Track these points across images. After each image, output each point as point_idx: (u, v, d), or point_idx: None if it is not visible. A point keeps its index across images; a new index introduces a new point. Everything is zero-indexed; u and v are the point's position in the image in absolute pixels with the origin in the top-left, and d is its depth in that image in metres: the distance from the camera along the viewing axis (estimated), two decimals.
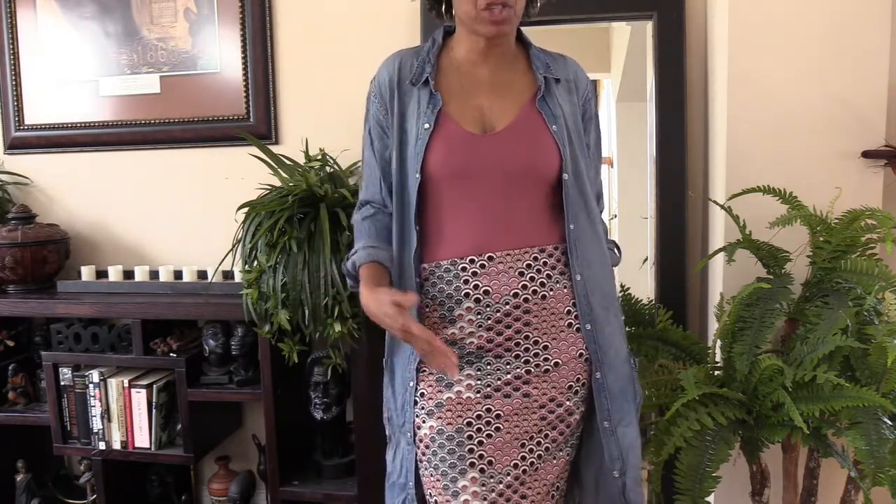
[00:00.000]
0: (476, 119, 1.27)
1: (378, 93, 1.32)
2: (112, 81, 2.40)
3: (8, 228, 2.29)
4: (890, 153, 1.70)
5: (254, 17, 2.27)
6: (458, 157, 1.25)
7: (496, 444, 1.24)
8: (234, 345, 2.12)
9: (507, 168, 1.25)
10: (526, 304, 1.25)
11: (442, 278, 1.26)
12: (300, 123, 2.29)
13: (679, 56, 1.99)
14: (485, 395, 1.25)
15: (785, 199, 1.59)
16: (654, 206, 2.04)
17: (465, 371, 1.26)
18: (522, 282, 1.24)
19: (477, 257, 1.24)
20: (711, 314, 1.86)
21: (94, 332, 2.21)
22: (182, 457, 2.17)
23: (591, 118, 1.36)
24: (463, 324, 1.26)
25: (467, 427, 1.24)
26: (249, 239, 1.87)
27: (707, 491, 1.43)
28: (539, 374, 1.26)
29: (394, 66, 1.31)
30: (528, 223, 1.27)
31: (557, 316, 1.27)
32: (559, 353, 1.27)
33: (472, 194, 1.26)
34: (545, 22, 2.05)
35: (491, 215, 1.25)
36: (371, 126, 1.34)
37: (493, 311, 1.24)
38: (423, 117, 1.26)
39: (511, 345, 1.25)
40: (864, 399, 1.34)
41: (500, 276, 1.24)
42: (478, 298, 1.24)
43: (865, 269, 1.46)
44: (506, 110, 1.28)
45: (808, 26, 1.71)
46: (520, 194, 1.26)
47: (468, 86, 1.29)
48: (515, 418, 1.25)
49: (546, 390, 1.27)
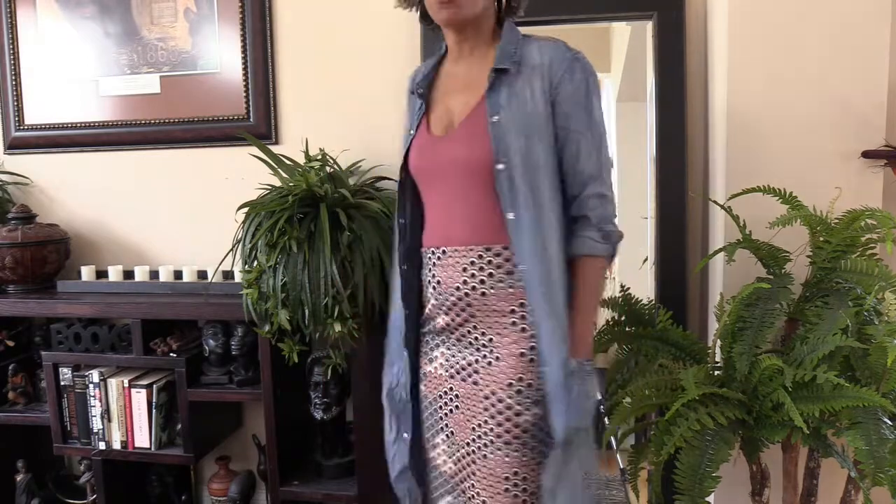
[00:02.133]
0: (444, 121, 1.35)
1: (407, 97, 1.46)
2: (112, 81, 2.40)
3: (8, 228, 2.29)
4: (890, 153, 1.70)
5: (254, 17, 2.27)
6: (421, 158, 1.36)
7: (456, 420, 1.35)
8: (234, 345, 2.12)
9: (452, 166, 1.31)
10: (467, 297, 1.31)
11: (424, 264, 1.39)
12: (300, 123, 2.29)
13: (679, 56, 1.99)
14: (449, 375, 1.36)
15: (785, 199, 1.59)
16: (654, 206, 2.04)
17: (439, 349, 1.38)
18: (464, 277, 1.31)
19: (436, 249, 1.35)
20: (711, 314, 1.86)
21: (94, 332, 2.20)
22: (182, 457, 2.17)
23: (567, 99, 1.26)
24: (430, 306, 1.38)
25: (439, 399, 1.39)
26: (249, 239, 1.87)
27: (707, 491, 1.43)
28: (485, 365, 1.31)
29: (410, 79, 1.45)
30: (479, 220, 1.29)
31: (500, 314, 1.29)
32: (501, 348, 1.29)
33: (435, 192, 1.36)
34: (545, 22, 2.05)
35: (448, 212, 1.34)
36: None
37: (445, 300, 1.34)
38: (412, 124, 1.39)
39: (465, 331, 1.34)
40: (864, 399, 1.34)
41: (447, 270, 1.33)
42: (434, 287, 1.36)
43: (865, 269, 1.46)
44: (465, 108, 1.31)
45: (808, 26, 1.71)
46: (469, 191, 1.29)
47: (448, 87, 1.38)
48: (468, 401, 1.33)
49: (489, 383, 1.30)
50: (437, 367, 1.39)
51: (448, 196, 1.33)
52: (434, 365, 1.40)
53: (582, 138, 1.28)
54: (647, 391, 1.57)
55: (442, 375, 1.38)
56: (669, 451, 1.45)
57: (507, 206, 1.25)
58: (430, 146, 1.35)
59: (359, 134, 2.23)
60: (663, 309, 1.83)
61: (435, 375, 1.39)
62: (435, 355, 1.40)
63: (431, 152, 1.34)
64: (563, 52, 1.28)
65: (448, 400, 1.37)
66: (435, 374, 1.39)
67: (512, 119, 1.25)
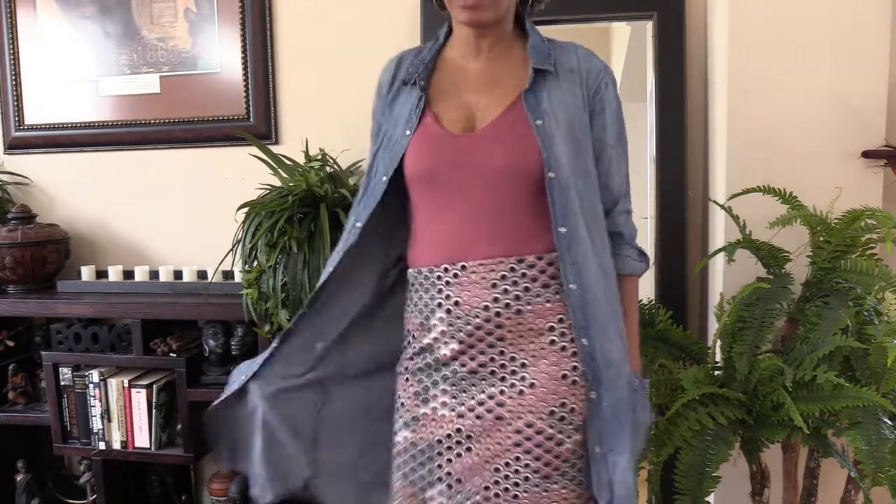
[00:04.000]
0: (461, 117, 1.20)
1: (379, 92, 1.30)
2: (112, 81, 2.40)
3: (8, 228, 2.29)
4: (890, 153, 1.70)
5: (254, 17, 2.27)
6: (430, 157, 1.19)
7: (465, 465, 1.18)
8: (234, 345, 2.12)
9: (483, 170, 1.16)
10: (498, 318, 1.16)
11: (422, 285, 1.22)
12: (300, 123, 2.29)
13: (679, 56, 1.99)
14: (458, 415, 1.19)
15: (785, 199, 1.59)
16: (654, 206, 2.04)
17: (440, 386, 1.20)
18: (494, 295, 1.15)
19: (450, 266, 1.17)
20: (711, 314, 1.86)
21: (94, 332, 2.20)
22: (182, 457, 2.17)
23: (604, 111, 1.21)
24: (437, 334, 1.20)
25: (438, 444, 1.20)
26: (249, 239, 1.87)
27: (707, 491, 1.43)
28: (514, 395, 1.16)
29: (393, 66, 1.28)
30: (508, 230, 1.17)
31: (536, 332, 1.17)
32: (537, 372, 1.16)
33: (447, 198, 1.19)
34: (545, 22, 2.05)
35: (467, 221, 1.17)
36: (373, 124, 1.32)
37: (464, 324, 1.17)
38: (409, 118, 1.21)
39: (486, 360, 1.17)
40: (864, 399, 1.34)
41: (471, 287, 1.16)
42: (449, 309, 1.18)
43: (865, 269, 1.46)
44: (492, 107, 1.20)
45: (808, 26, 1.71)
46: (500, 198, 1.17)
47: (460, 82, 1.23)
48: (487, 440, 1.17)
49: (521, 413, 1.16)
50: (436, 408, 1.21)
51: (467, 202, 1.17)
52: (432, 405, 1.21)
53: (615, 152, 1.23)
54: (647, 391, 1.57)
55: (444, 416, 1.19)
56: (669, 450, 1.45)
57: (558, 218, 1.14)
58: (449, 146, 1.18)
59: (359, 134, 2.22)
60: (663, 309, 1.83)
61: (433, 417, 1.21)
62: (433, 394, 1.21)
63: (452, 153, 1.18)
64: (598, 62, 1.23)
65: (453, 444, 1.19)
66: (433, 416, 1.21)
67: (558, 125, 1.16)
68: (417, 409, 1.22)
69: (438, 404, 1.21)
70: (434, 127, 1.20)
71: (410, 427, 1.23)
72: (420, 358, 1.23)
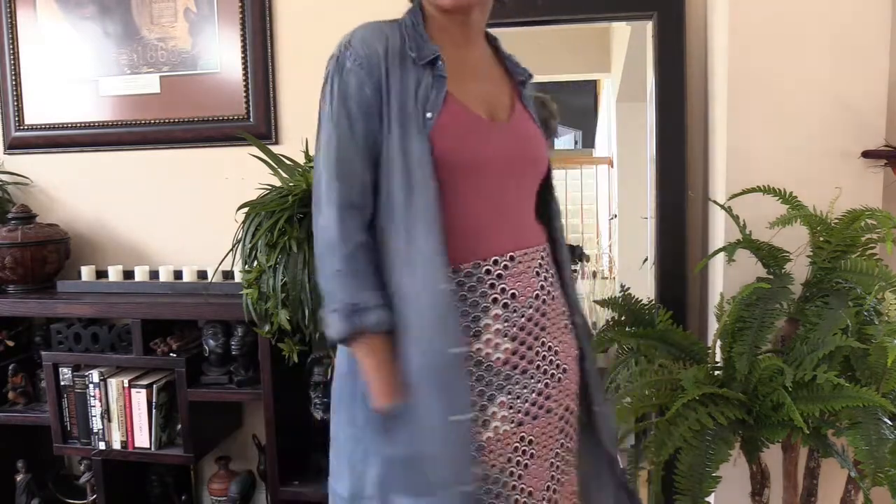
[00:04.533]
0: (481, 104, 1.14)
1: (366, 65, 1.09)
2: (112, 81, 2.40)
3: (8, 228, 2.29)
4: (890, 153, 1.70)
5: (254, 17, 2.27)
6: (475, 143, 1.10)
7: (532, 473, 1.14)
8: (234, 345, 2.12)
9: (519, 160, 1.16)
10: (544, 305, 1.15)
11: (463, 284, 1.09)
12: (300, 123, 2.29)
13: (679, 56, 1.99)
14: (517, 423, 1.12)
15: (785, 199, 1.59)
16: (654, 206, 2.04)
17: (497, 400, 1.10)
18: (539, 282, 1.14)
19: (500, 258, 1.11)
20: (711, 314, 1.86)
21: (94, 332, 2.20)
22: (182, 457, 2.17)
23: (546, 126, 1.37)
24: (489, 335, 1.10)
25: (507, 464, 1.11)
26: (249, 239, 1.87)
27: (707, 491, 1.43)
28: (555, 384, 1.16)
29: (381, 36, 1.12)
30: (531, 220, 1.20)
31: (562, 316, 1.20)
32: (566, 356, 1.19)
33: (489, 186, 1.12)
34: (545, 22, 2.05)
35: (510, 209, 1.14)
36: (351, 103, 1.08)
37: (519, 317, 1.11)
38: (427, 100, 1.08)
39: (532, 355, 1.13)
40: (864, 399, 1.34)
41: (521, 278, 1.12)
42: (505, 303, 1.10)
43: (865, 269, 1.46)
44: (503, 98, 1.19)
45: (808, 26, 1.71)
46: (525, 189, 1.18)
47: (461, 68, 1.14)
48: (543, 438, 1.15)
49: (561, 400, 1.18)
50: (497, 427, 1.10)
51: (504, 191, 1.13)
52: (493, 425, 1.10)
53: None
54: (647, 391, 1.57)
55: (507, 432, 1.11)
56: (669, 450, 1.45)
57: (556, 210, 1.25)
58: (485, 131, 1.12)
59: None
60: (663, 309, 1.83)
61: (496, 438, 1.10)
62: (492, 411, 1.10)
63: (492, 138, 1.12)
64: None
65: (520, 457, 1.12)
66: (496, 437, 1.10)
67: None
68: (479, 436, 1.08)
69: (499, 422, 1.10)
70: (468, 112, 1.11)
71: (477, 460, 1.08)
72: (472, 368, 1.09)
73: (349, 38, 1.13)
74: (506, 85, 1.23)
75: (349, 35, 1.14)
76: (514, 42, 1.48)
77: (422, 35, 1.13)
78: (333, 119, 1.09)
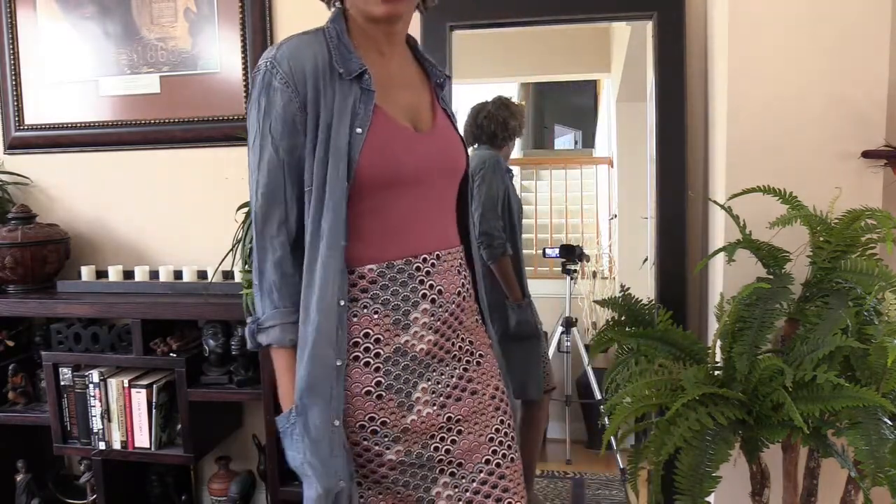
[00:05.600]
0: (406, 116, 1.19)
1: (291, 82, 1.12)
2: (112, 81, 2.41)
3: (8, 228, 2.29)
4: (890, 153, 1.70)
5: (254, 17, 2.27)
6: (402, 157, 1.16)
7: (462, 448, 1.21)
8: (234, 345, 2.12)
9: (444, 167, 1.23)
10: (463, 302, 1.25)
11: (395, 280, 1.16)
12: None
13: (679, 56, 1.99)
14: (440, 406, 1.20)
15: (785, 199, 1.59)
16: (654, 206, 2.04)
17: (420, 386, 1.18)
18: (460, 279, 1.25)
19: (428, 256, 1.19)
20: (711, 314, 1.86)
21: (94, 332, 2.21)
22: (182, 457, 2.17)
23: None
24: (416, 328, 1.17)
25: (431, 440, 1.19)
26: (249, 239, 1.87)
27: (707, 491, 1.43)
28: (475, 367, 1.26)
29: (307, 53, 1.14)
30: (452, 221, 1.28)
31: (472, 311, 1.29)
32: (480, 344, 1.29)
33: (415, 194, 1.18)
34: (545, 22, 2.05)
35: (435, 212, 1.23)
36: (277, 120, 1.12)
37: (443, 312, 1.20)
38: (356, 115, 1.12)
39: (449, 346, 1.22)
40: (864, 399, 1.34)
41: (447, 275, 1.21)
42: (433, 299, 1.18)
43: (865, 269, 1.46)
44: (422, 107, 1.24)
45: (808, 26, 1.71)
46: (447, 193, 1.26)
47: (384, 78, 1.18)
48: (474, 416, 1.23)
49: (487, 381, 1.27)
50: (420, 410, 1.18)
51: (435, 195, 1.22)
52: (417, 409, 1.18)
53: None
54: (647, 391, 1.57)
55: (430, 414, 1.18)
56: (669, 451, 1.45)
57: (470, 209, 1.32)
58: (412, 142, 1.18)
59: None
60: (663, 309, 1.83)
61: (420, 420, 1.18)
62: (416, 397, 1.18)
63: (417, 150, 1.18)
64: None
65: (443, 436, 1.20)
66: (420, 419, 1.18)
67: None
68: (404, 419, 1.17)
69: (422, 406, 1.18)
70: (394, 124, 1.16)
71: (402, 439, 1.17)
72: (392, 364, 1.16)
73: (275, 53, 1.15)
74: (425, 89, 1.28)
75: (275, 49, 1.16)
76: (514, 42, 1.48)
77: (347, 46, 1.16)
78: (261, 138, 1.14)
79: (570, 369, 2.62)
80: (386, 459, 1.17)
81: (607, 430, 1.56)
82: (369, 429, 1.16)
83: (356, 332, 1.15)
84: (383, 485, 1.19)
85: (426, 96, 1.27)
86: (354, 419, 1.15)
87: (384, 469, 1.18)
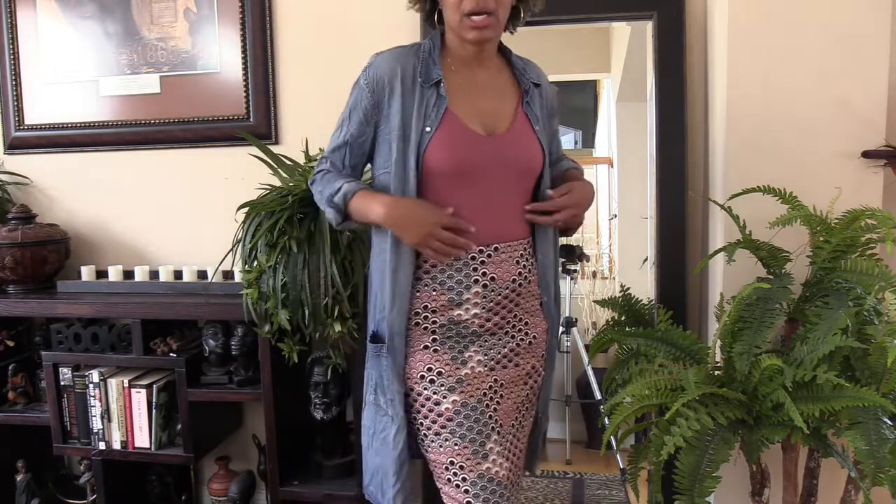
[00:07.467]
0: (479, 120, 1.38)
1: (373, 87, 1.38)
2: (112, 81, 2.40)
3: (8, 228, 2.29)
4: (890, 153, 1.70)
5: (254, 17, 2.27)
6: (465, 154, 1.36)
7: (503, 409, 1.43)
8: (234, 345, 2.12)
9: (511, 167, 1.39)
10: (519, 288, 1.43)
11: (452, 265, 1.38)
12: (300, 123, 2.29)
13: (679, 56, 1.99)
14: (490, 368, 1.41)
15: (785, 199, 1.59)
16: (654, 206, 2.04)
17: (471, 348, 1.41)
18: (518, 269, 1.42)
19: (485, 248, 1.38)
20: (711, 314, 1.86)
21: (94, 332, 2.21)
22: (182, 457, 2.17)
23: (554, 122, 1.54)
24: (468, 306, 1.39)
25: (484, 397, 1.40)
26: (249, 239, 1.87)
27: (707, 491, 1.43)
28: (525, 346, 1.46)
29: (394, 64, 1.38)
30: (519, 216, 1.43)
31: (534, 297, 1.47)
32: (535, 328, 1.48)
33: (478, 189, 1.37)
34: (545, 22, 2.05)
35: (495, 209, 1.39)
36: (355, 114, 1.41)
37: (496, 296, 1.40)
38: (428, 116, 1.35)
39: (504, 323, 1.43)
40: (864, 399, 1.34)
41: (502, 265, 1.40)
42: (485, 284, 1.39)
43: (865, 269, 1.46)
44: (503, 113, 1.42)
45: (808, 26, 1.71)
46: (515, 191, 1.42)
47: (469, 88, 1.40)
48: (512, 386, 1.45)
49: (529, 360, 1.47)
50: (474, 367, 1.40)
51: (494, 193, 1.39)
52: (470, 365, 1.40)
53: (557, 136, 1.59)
54: (647, 391, 1.57)
55: (482, 373, 1.40)
56: (669, 451, 1.45)
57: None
58: (479, 144, 1.37)
59: None
60: (663, 309, 1.83)
61: (474, 375, 1.40)
62: (469, 355, 1.40)
63: (483, 150, 1.37)
64: (547, 79, 1.53)
65: (493, 394, 1.41)
66: (474, 374, 1.40)
67: (543, 130, 1.46)
68: (458, 371, 1.39)
69: (475, 363, 1.40)
70: (462, 126, 1.36)
71: (457, 390, 1.38)
72: (446, 329, 1.40)
73: (371, 61, 1.42)
74: (512, 96, 1.44)
75: (373, 58, 1.42)
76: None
77: (434, 60, 1.39)
78: (343, 118, 1.45)
79: (570, 369, 2.62)
80: (443, 408, 1.37)
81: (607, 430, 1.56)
82: (428, 378, 1.39)
83: (417, 304, 1.40)
84: (442, 436, 1.38)
85: (510, 102, 1.43)
86: (416, 370, 1.40)
87: (442, 419, 1.38)
